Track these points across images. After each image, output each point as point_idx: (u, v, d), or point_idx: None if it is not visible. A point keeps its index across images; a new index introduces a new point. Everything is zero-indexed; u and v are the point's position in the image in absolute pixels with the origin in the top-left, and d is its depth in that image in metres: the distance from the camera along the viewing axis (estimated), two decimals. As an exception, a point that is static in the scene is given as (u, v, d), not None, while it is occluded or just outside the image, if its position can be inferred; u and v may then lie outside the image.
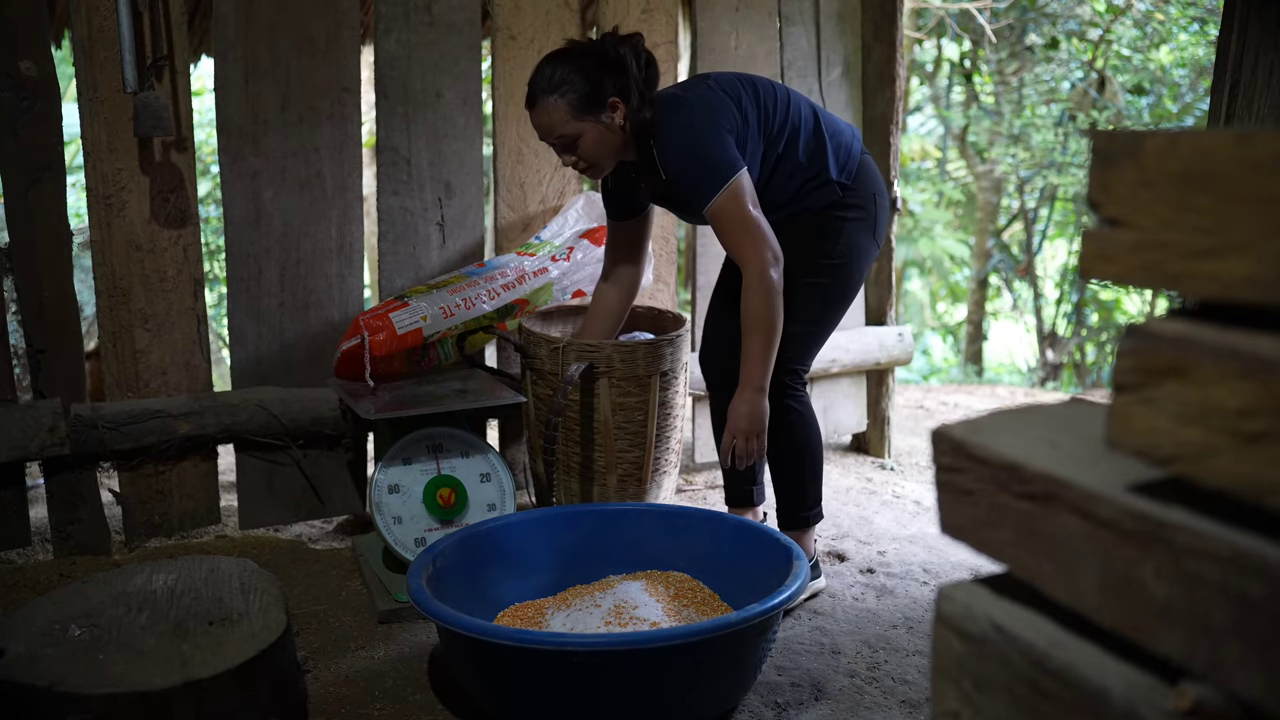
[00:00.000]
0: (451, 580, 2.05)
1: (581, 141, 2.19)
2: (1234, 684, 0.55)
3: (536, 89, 2.19)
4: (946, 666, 0.73)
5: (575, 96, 2.15)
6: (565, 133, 2.18)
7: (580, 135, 2.18)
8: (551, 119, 2.17)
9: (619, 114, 2.19)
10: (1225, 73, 2.05)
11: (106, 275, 2.63)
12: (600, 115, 2.18)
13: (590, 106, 2.16)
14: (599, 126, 2.18)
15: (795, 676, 2.05)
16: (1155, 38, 7.42)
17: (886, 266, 3.53)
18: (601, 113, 2.18)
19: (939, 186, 9.23)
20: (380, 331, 2.59)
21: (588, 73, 2.16)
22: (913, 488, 3.32)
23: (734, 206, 2.12)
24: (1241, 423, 0.56)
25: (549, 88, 2.17)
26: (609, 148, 2.22)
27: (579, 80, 2.15)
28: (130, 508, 2.72)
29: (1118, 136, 0.65)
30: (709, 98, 2.20)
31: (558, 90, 2.16)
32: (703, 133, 2.14)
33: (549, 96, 2.16)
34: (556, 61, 2.18)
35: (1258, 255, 0.57)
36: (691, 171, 2.15)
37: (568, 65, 2.17)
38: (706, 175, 2.13)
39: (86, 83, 2.54)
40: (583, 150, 2.20)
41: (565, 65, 2.17)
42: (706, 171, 2.13)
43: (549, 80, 2.17)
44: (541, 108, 2.18)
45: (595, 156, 2.22)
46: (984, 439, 0.72)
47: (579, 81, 2.15)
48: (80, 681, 1.49)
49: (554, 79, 2.16)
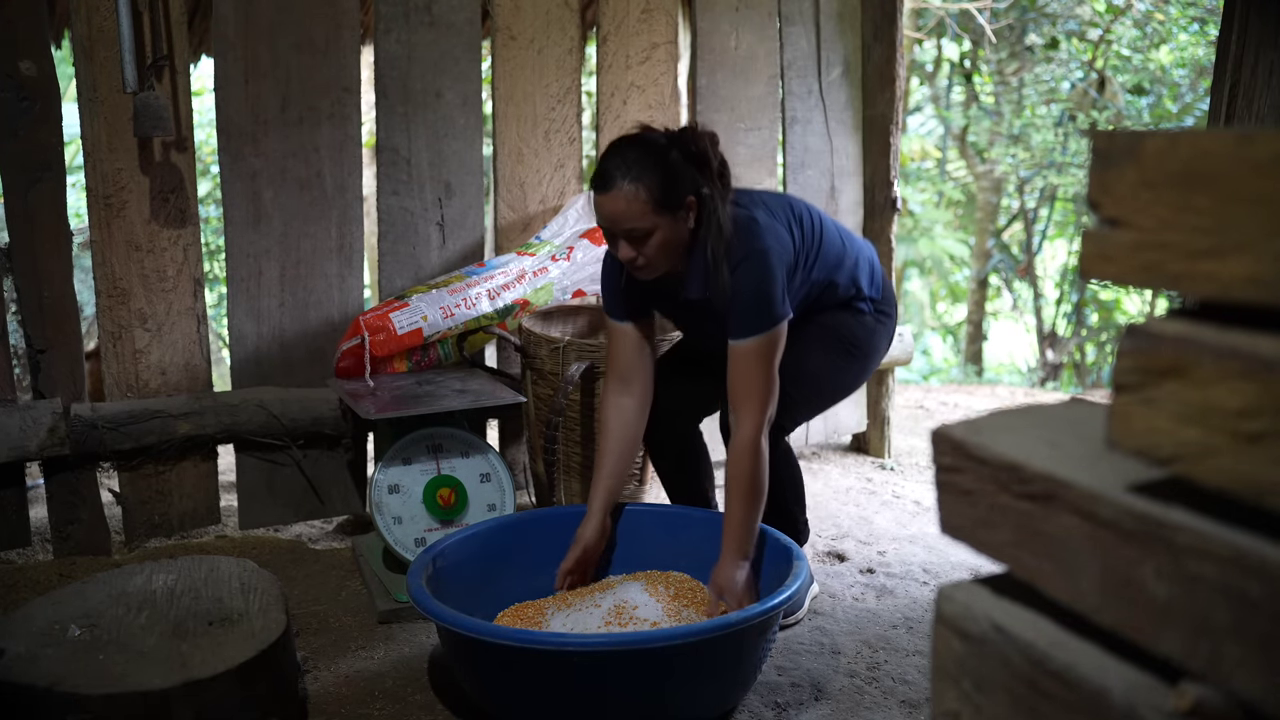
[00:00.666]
0: (451, 580, 2.05)
1: (652, 238, 2.01)
2: (1234, 684, 0.55)
3: (614, 172, 1.99)
4: (946, 666, 0.73)
5: (657, 189, 1.98)
6: (638, 226, 1.99)
7: (652, 231, 2.00)
8: (629, 208, 1.98)
9: (692, 215, 2.05)
10: (1225, 73, 2.05)
11: (106, 275, 2.64)
12: (676, 213, 2.02)
13: (669, 203, 2.00)
14: (673, 225, 2.02)
15: (795, 676, 2.05)
16: (1155, 38, 7.42)
17: (887, 266, 3.53)
18: (678, 210, 2.02)
19: (939, 186, 9.23)
20: (380, 331, 2.59)
21: (671, 166, 2.00)
22: (913, 488, 3.32)
23: (765, 352, 2.04)
24: (1241, 423, 0.56)
25: (629, 174, 1.97)
26: (674, 250, 2.06)
27: (661, 172, 1.99)
28: (130, 508, 2.72)
29: (1118, 136, 0.65)
30: (778, 231, 2.10)
31: (640, 179, 1.97)
32: (775, 269, 2.05)
33: (629, 183, 1.97)
34: (637, 146, 2.02)
35: (1258, 255, 0.56)
36: (747, 299, 2.03)
37: (650, 154, 2.00)
38: (758, 311, 2.03)
39: (86, 83, 2.54)
40: (649, 247, 2.02)
41: (647, 153, 2.00)
42: (760, 308, 2.03)
43: (630, 165, 1.98)
44: (618, 194, 1.98)
45: (658, 257, 2.04)
46: (984, 439, 0.72)
47: (661, 173, 1.99)
48: (80, 681, 1.49)
49: (635, 165, 1.98)
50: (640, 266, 2.06)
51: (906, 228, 8.62)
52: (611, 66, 3.12)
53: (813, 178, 3.44)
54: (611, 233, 2.05)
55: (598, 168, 2.04)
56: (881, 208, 3.49)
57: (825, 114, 3.42)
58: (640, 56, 3.15)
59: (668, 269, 2.09)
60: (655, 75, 3.18)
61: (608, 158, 2.03)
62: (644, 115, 3.18)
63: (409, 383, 2.58)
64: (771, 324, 2.04)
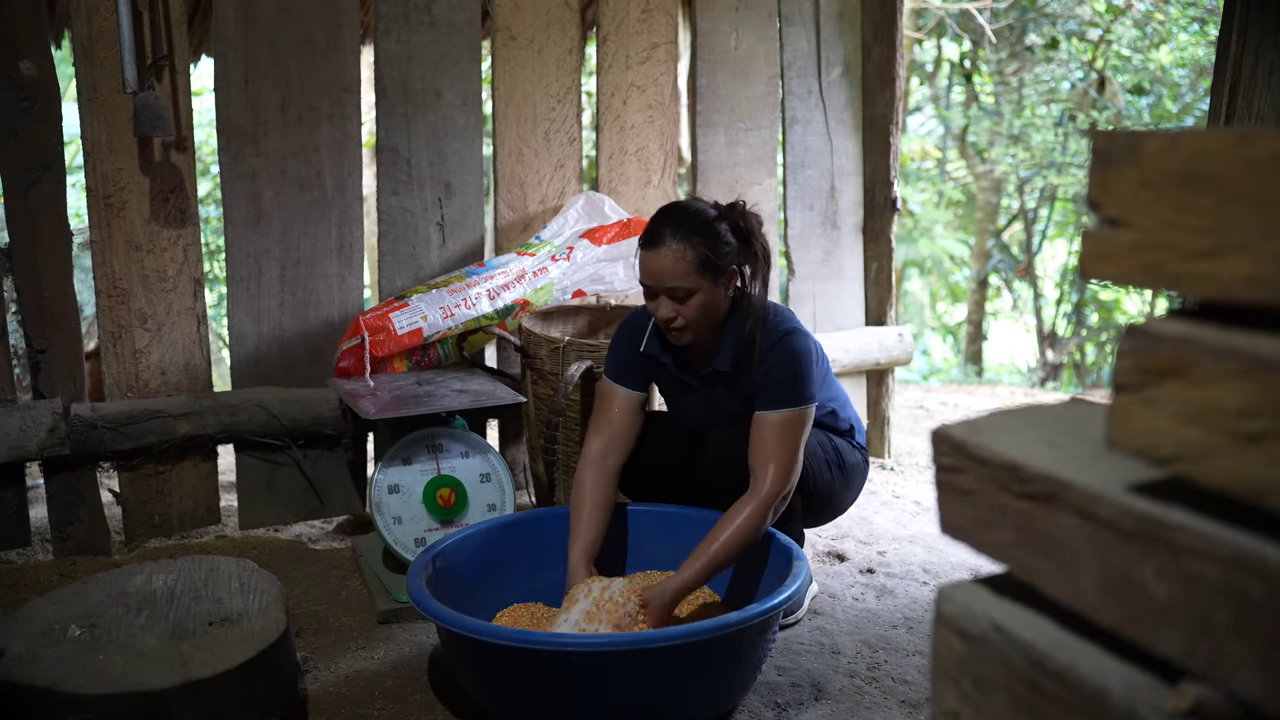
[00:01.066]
0: (451, 580, 2.05)
1: (693, 300, 2.06)
2: (1234, 684, 0.55)
3: (665, 230, 2.06)
4: (946, 666, 0.73)
5: (705, 252, 2.04)
6: (681, 285, 2.05)
7: (694, 292, 2.06)
8: (676, 266, 2.03)
9: (733, 286, 2.12)
10: (1225, 73, 2.05)
11: (106, 275, 2.64)
12: (719, 280, 2.08)
13: (714, 268, 2.06)
14: (714, 290, 2.08)
15: (795, 676, 2.05)
16: (1155, 38, 7.42)
17: (886, 266, 3.54)
18: (720, 277, 2.08)
19: (939, 186, 9.24)
20: (380, 332, 2.59)
21: (718, 234, 2.06)
22: (913, 488, 3.32)
23: (795, 426, 2.06)
24: (1241, 423, 0.56)
25: (680, 234, 2.04)
26: (712, 316, 2.11)
27: (710, 237, 2.05)
28: (130, 508, 2.72)
29: (1118, 136, 0.65)
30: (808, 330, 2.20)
31: (689, 240, 2.03)
32: (811, 352, 2.13)
33: (678, 243, 2.03)
34: (687, 212, 2.09)
35: (1257, 255, 0.56)
36: (783, 374, 2.08)
37: (699, 219, 2.07)
38: (792, 386, 2.07)
39: (86, 83, 2.54)
40: (690, 308, 2.07)
41: (697, 219, 2.07)
42: (795, 383, 2.08)
43: (680, 226, 2.05)
44: (666, 251, 2.04)
45: (697, 319, 2.09)
46: (984, 439, 0.72)
47: (710, 239, 2.05)
48: (80, 681, 1.49)
49: (686, 226, 2.05)
50: (678, 328, 2.10)
51: (906, 228, 8.62)
52: (611, 66, 3.12)
53: (813, 178, 3.44)
54: (653, 290, 2.08)
55: (649, 227, 2.09)
56: (881, 208, 3.49)
57: (825, 114, 3.42)
58: (640, 56, 3.15)
59: (702, 337, 2.14)
60: (655, 75, 3.18)
61: (658, 218, 2.09)
62: (644, 115, 3.18)
63: (409, 383, 2.58)
64: (804, 401, 2.07)
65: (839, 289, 3.53)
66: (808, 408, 2.08)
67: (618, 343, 2.28)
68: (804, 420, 2.08)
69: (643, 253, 2.08)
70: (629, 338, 2.26)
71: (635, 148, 3.19)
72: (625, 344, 2.26)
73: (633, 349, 2.24)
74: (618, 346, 2.27)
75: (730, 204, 2.14)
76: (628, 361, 2.24)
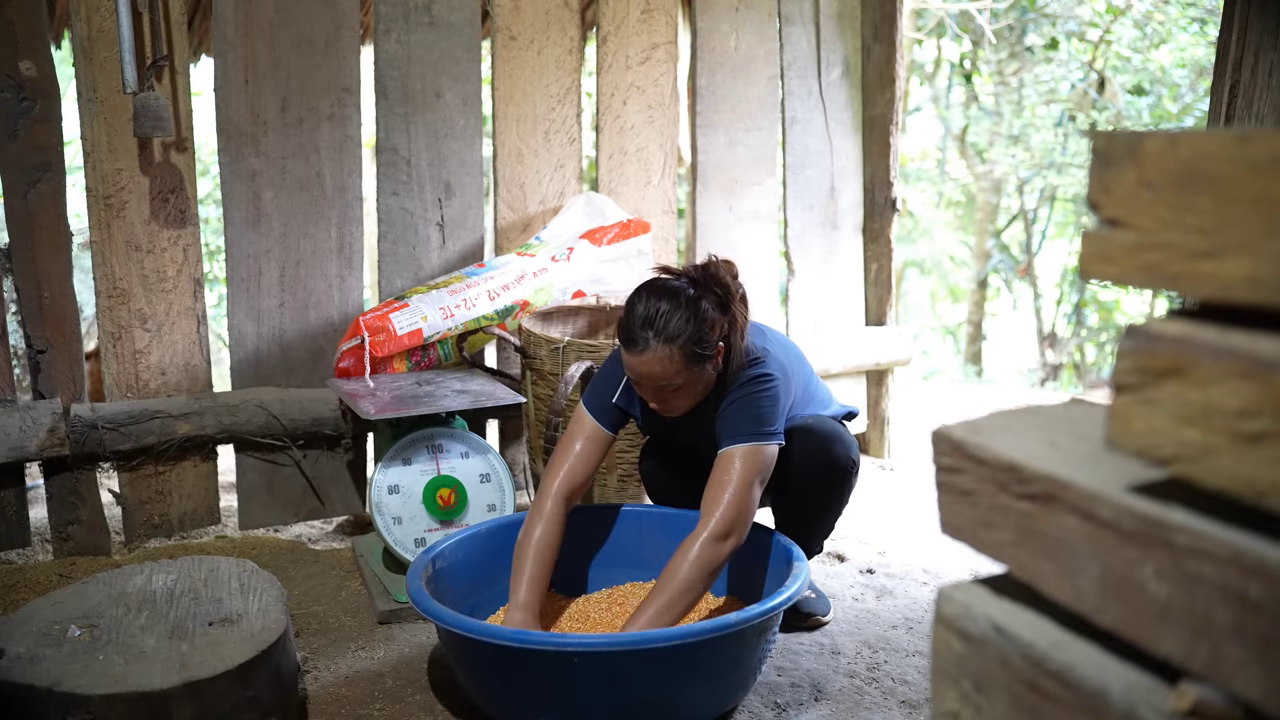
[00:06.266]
0: (451, 580, 2.05)
1: (681, 389, 1.98)
2: (1234, 684, 0.55)
3: (648, 331, 1.92)
4: (946, 667, 0.73)
5: (691, 348, 1.93)
6: (671, 384, 1.96)
7: (684, 385, 1.98)
8: (663, 370, 1.93)
9: (720, 359, 2.02)
10: (1225, 73, 2.05)
11: (106, 275, 2.64)
12: (705, 365, 1.98)
13: (701, 358, 1.95)
14: (703, 374, 1.99)
15: (795, 677, 2.05)
16: (1155, 38, 7.43)
17: (886, 267, 3.54)
18: (707, 363, 1.97)
19: (939, 187, 9.24)
20: (380, 332, 2.59)
21: (702, 320, 1.94)
22: (913, 488, 3.32)
23: (751, 462, 1.94)
24: (1241, 423, 0.56)
25: (663, 335, 1.92)
26: (702, 394, 2.03)
27: (694, 329, 1.93)
28: (130, 508, 2.72)
29: (1117, 137, 0.65)
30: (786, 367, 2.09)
31: (673, 340, 1.91)
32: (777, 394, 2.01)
33: (662, 345, 1.92)
34: (666, 300, 1.94)
35: (1257, 256, 0.56)
36: (743, 410, 1.98)
37: (683, 309, 1.93)
38: (752, 421, 1.97)
39: (86, 83, 2.54)
40: (677, 396, 2.00)
41: (678, 308, 1.93)
42: (754, 419, 1.97)
43: (663, 327, 1.92)
44: (652, 356, 1.92)
45: (684, 403, 2.02)
46: (984, 439, 0.72)
47: (694, 330, 1.93)
48: (80, 682, 1.49)
49: (670, 325, 1.92)
50: (668, 410, 2.04)
51: (906, 228, 8.62)
52: (611, 67, 3.12)
53: (813, 178, 3.44)
54: (639, 383, 2.00)
55: (626, 324, 1.96)
56: (881, 208, 3.49)
57: (825, 114, 3.42)
58: (640, 57, 3.15)
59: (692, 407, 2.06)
60: (655, 75, 3.17)
61: (636, 311, 1.95)
62: (644, 115, 3.18)
63: (409, 383, 2.57)
64: (763, 438, 1.97)
65: (839, 289, 3.53)
66: (766, 445, 1.97)
67: (602, 374, 2.17)
68: (761, 458, 1.96)
69: (626, 354, 1.96)
70: (610, 374, 2.16)
71: (635, 148, 3.19)
72: (603, 383, 2.16)
73: (608, 395, 2.14)
74: (600, 379, 2.17)
75: (703, 267, 2.02)
76: (604, 402, 2.14)
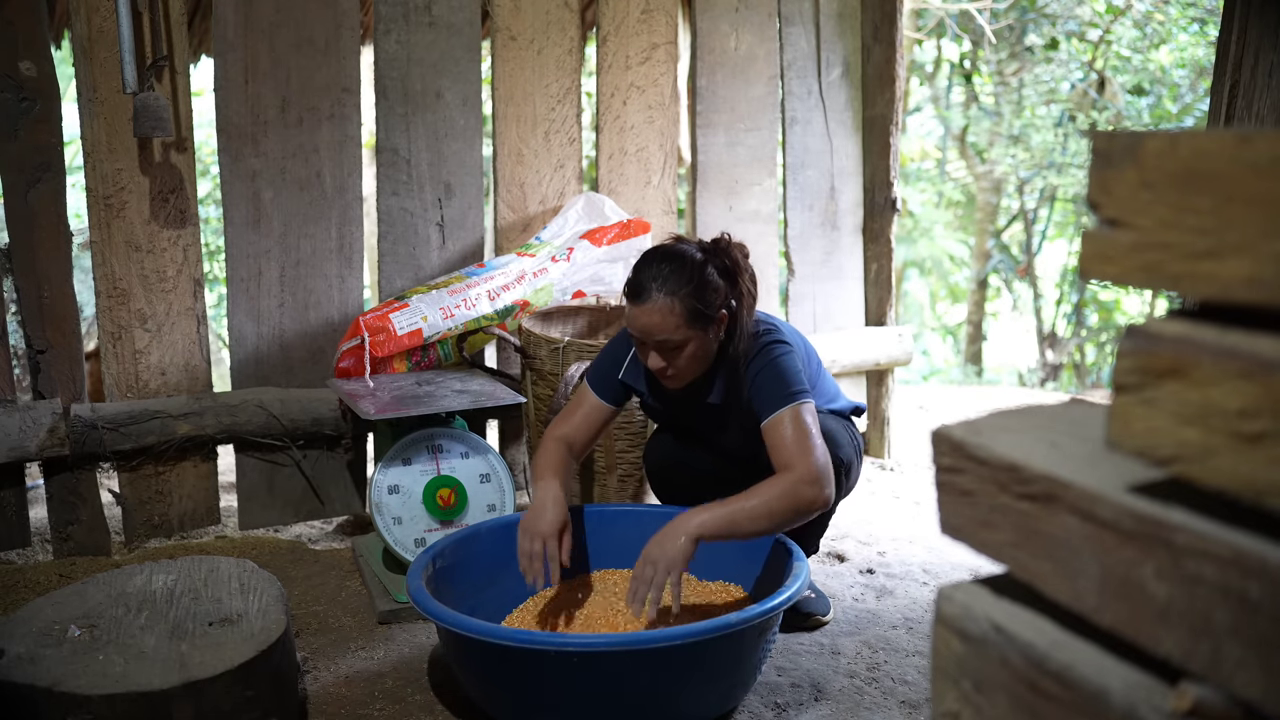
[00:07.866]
0: (452, 580, 2.05)
1: (684, 350, 2.02)
2: (1234, 685, 0.55)
3: (650, 284, 1.99)
4: (946, 667, 0.73)
5: (693, 304, 1.98)
6: (671, 339, 2.00)
7: (685, 344, 2.01)
8: (664, 321, 1.98)
9: (723, 328, 2.06)
10: (1225, 73, 2.05)
11: (106, 275, 2.64)
12: (709, 327, 2.03)
13: (703, 318, 2.00)
14: (704, 338, 2.03)
15: (795, 677, 2.05)
16: (1155, 38, 7.43)
17: (886, 267, 3.54)
18: (710, 324, 2.03)
19: (939, 187, 9.24)
20: (380, 332, 2.59)
21: (706, 282, 2.00)
22: (913, 488, 3.32)
23: (798, 417, 1.98)
24: (1241, 423, 0.56)
25: (666, 287, 1.98)
26: (703, 362, 2.07)
27: (697, 287, 1.99)
28: (130, 508, 2.72)
29: (1118, 137, 0.65)
30: (796, 336, 2.16)
31: (676, 293, 1.97)
32: (793, 357, 2.06)
33: (665, 296, 1.97)
34: (673, 260, 2.01)
35: (1257, 256, 0.56)
36: (767, 381, 2.02)
37: (686, 268, 2.00)
38: (780, 385, 2.01)
39: (86, 83, 2.54)
40: (681, 358, 2.03)
41: (683, 267, 2.00)
42: (781, 384, 2.01)
43: (667, 278, 1.98)
44: (653, 306, 1.98)
45: (688, 368, 2.05)
46: (984, 439, 0.72)
47: (697, 288, 1.99)
48: (80, 682, 1.49)
49: (673, 278, 1.98)
50: (669, 376, 2.06)
51: (906, 228, 8.62)
52: (611, 67, 3.12)
53: (813, 178, 3.44)
54: (642, 341, 2.04)
55: (633, 277, 2.03)
56: (881, 208, 3.49)
57: (825, 114, 3.42)
58: (640, 57, 3.15)
59: (694, 378, 2.10)
60: (655, 75, 3.18)
61: (643, 269, 2.02)
62: (643, 115, 3.18)
63: (409, 383, 2.58)
64: (796, 398, 2.00)
65: (839, 289, 3.53)
66: (801, 402, 2.00)
67: (607, 351, 2.25)
68: (802, 413, 2.00)
69: (630, 306, 2.02)
70: (615, 354, 2.23)
71: (635, 148, 3.19)
72: (609, 358, 2.22)
73: (614, 369, 2.20)
74: (605, 356, 2.24)
75: (714, 241, 2.09)
76: (608, 377, 2.21)
